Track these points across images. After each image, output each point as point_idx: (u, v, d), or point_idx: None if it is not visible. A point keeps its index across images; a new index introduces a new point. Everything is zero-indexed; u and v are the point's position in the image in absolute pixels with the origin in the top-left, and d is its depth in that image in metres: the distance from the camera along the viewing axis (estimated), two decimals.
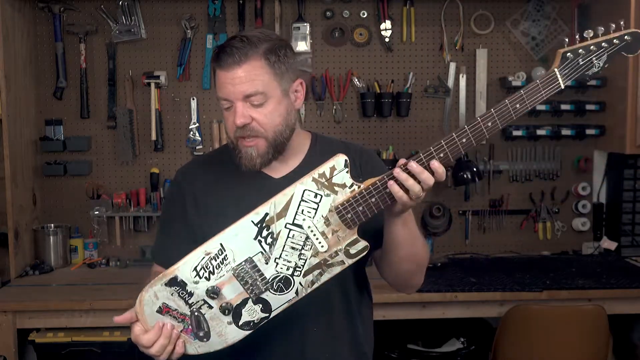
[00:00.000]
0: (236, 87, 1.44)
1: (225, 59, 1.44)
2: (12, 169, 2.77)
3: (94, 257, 3.08)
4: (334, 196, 1.29)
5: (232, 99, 1.45)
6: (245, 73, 1.43)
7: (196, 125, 3.12)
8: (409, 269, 1.48)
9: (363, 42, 3.15)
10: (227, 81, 1.44)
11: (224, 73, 1.44)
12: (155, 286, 1.34)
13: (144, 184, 3.13)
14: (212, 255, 1.31)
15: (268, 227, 1.30)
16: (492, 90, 3.20)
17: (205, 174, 1.58)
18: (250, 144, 1.47)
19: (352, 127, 3.18)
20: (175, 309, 1.34)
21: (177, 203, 1.57)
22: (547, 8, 3.18)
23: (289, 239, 1.30)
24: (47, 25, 3.06)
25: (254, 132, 1.46)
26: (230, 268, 1.31)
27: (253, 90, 1.44)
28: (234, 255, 1.31)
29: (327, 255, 1.31)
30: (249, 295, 1.33)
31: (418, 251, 1.46)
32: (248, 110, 1.45)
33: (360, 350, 1.59)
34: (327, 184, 1.29)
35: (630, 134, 2.90)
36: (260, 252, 1.31)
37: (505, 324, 2.56)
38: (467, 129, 1.29)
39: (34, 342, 2.59)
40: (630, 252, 3.16)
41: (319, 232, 1.29)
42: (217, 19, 3.09)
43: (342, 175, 1.29)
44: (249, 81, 1.43)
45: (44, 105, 3.10)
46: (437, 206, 3.12)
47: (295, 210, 1.29)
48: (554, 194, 3.26)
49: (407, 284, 1.56)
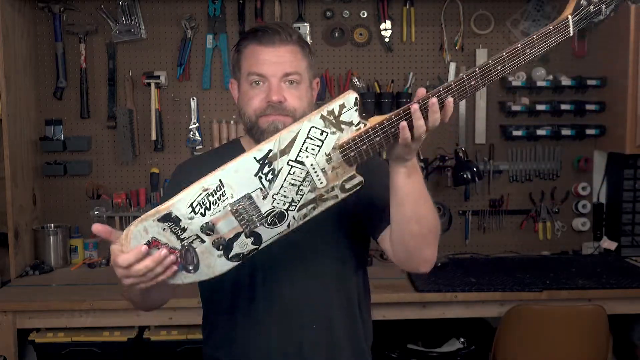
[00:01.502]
0: (278, 65, 1.46)
1: (269, 37, 1.47)
2: (12, 169, 2.76)
3: (94, 257, 3.08)
4: (340, 134, 1.26)
5: (269, 75, 1.46)
6: (290, 53, 1.48)
7: (196, 125, 3.12)
8: (418, 232, 1.38)
9: (363, 42, 3.15)
10: (268, 57, 1.47)
11: (266, 49, 1.47)
12: (147, 221, 1.27)
13: (144, 184, 3.13)
14: (209, 191, 1.27)
15: (270, 164, 1.26)
16: (492, 90, 3.20)
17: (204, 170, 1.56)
18: (278, 118, 1.47)
19: None
20: (165, 243, 1.28)
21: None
22: (547, 8, 3.18)
23: (289, 176, 1.27)
24: (47, 25, 3.06)
25: (284, 111, 1.47)
26: (227, 204, 1.27)
27: (294, 69, 1.48)
28: (232, 191, 1.27)
29: (323, 190, 1.29)
30: (243, 230, 1.30)
31: (426, 213, 1.38)
32: (282, 89, 1.47)
33: (359, 346, 1.59)
34: (334, 121, 1.25)
35: (630, 134, 2.90)
36: (260, 189, 1.27)
37: (505, 324, 2.56)
38: (477, 72, 1.26)
39: (34, 342, 2.59)
40: (630, 252, 3.16)
41: (319, 168, 1.27)
42: (217, 19, 3.09)
43: (351, 113, 1.25)
44: (291, 61, 1.48)
45: (44, 105, 3.10)
46: (437, 206, 3.12)
47: (300, 147, 1.26)
48: (554, 194, 3.26)
49: (419, 255, 1.43)
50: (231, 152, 1.58)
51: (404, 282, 2.66)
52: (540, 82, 3.13)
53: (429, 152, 3.17)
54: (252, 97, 1.49)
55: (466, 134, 3.21)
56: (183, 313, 2.50)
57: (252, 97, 1.49)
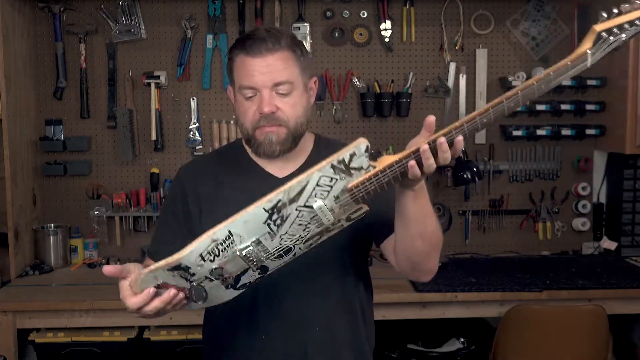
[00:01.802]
0: (267, 75, 1.44)
1: (256, 46, 1.44)
2: (12, 169, 2.77)
3: (94, 257, 3.08)
4: (349, 178, 1.26)
5: (259, 86, 1.44)
6: (277, 61, 1.44)
7: (196, 125, 3.12)
8: (422, 249, 1.42)
9: (363, 42, 3.15)
10: (256, 68, 1.44)
11: (253, 60, 1.44)
12: (157, 272, 1.30)
13: (144, 184, 3.13)
14: (219, 241, 1.29)
15: (279, 211, 1.28)
16: (492, 90, 3.20)
17: (208, 173, 1.58)
18: (272, 129, 1.47)
19: (352, 127, 3.18)
20: (174, 284, 1.32)
21: (178, 201, 1.57)
22: (547, 8, 3.18)
23: (297, 219, 1.28)
24: (47, 25, 3.06)
25: (277, 121, 1.46)
26: (236, 250, 1.29)
27: (284, 78, 1.45)
28: (241, 239, 1.29)
29: (330, 224, 1.30)
30: (250, 266, 1.32)
31: (431, 230, 1.41)
32: (274, 99, 1.45)
33: (361, 349, 1.59)
34: (344, 168, 1.25)
35: (630, 134, 2.90)
36: (268, 233, 1.29)
37: (505, 324, 2.56)
38: (491, 111, 1.26)
39: (34, 342, 2.59)
40: (630, 252, 3.16)
41: (327, 209, 1.28)
42: (217, 19, 3.09)
43: (361, 159, 1.25)
44: (280, 69, 1.44)
45: (44, 105, 3.10)
46: (437, 206, 3.12)
47: (309, 194, 1.27)
48: (554, 194, 3.26)
49: (422, 268, 1.49)
50: (233, 154, 1.60)
51: (404, 282, 2.65)
52: None
53: None
54: (246, 110, 1.48)
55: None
56: (183, 313, 2.46)
57: (246, 110, 1.48)
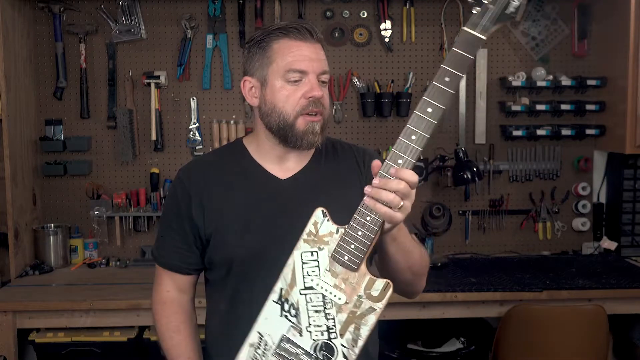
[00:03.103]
0: (316, 62, 1.46)
1: (305, 33, 1.46)
2: (12, 169, 2.76)
3: (94, 257, 3.08)
4: (327, 247, 1.29)
5: (310, 70, 1.45)
6: (321, 50, 1.49)
7: (196, 125, 3.12)
8: (404, 279, 1.45)
9: (363, 42, 3.15)
10: (307, 53, 1.45)
11: (304, 44, 1.46)
12: None
13: (144, 184, 3.13)
14: (255, 345, 1.32)
15: (287, 300, 1.31)
16: (492, 90, 3.20)
17: (210, 175, 1.57)
18: (317, 119, 1.47)
19: (352, 127, 3.18)
20: None
21: (182, 204, 1.55)
22: (547, 8, 3.18)
23: (308, 304, 1.30)
24: (47, 25, 3.06)
25: (321, 107, 1.47)
26: (272, 352, 1.32)
27: (327, 68, 1.49)
28: (271, 338, 1.32)
29: (350, 306, 1.30)
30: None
31: (413, 263, 1.43)
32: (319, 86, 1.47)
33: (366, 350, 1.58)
34: (316, 239, 1.30)
35: (630, 134, 2.90)
36: (291, 326, 1.31)
37: (505, 324, 2.56)
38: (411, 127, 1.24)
39: (34, 342, 2.59)
40: (630, 252, 3.16)
41: (330, 286, 1.29)
42: (217, 19, 3.09)
43: (326, 225, 1.29)
44: (324, 59, 1.49)
45: (44, 105, 3.10)
46: (437, 206, 3.12)
47: (302, 275, 1.30)
48: (554, 194, 3.26)
49: (406, 291, 1.52)
50: (234, 155, 1.58)
51: None
52: (540, 82, 3.13)
53: (429, 152, 3.17)
54: (290, 95, 1.46)
55: (466, 134, 3.21)
56: None
57: (290, 95, 1.46)
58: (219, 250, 1.52)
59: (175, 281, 1.59)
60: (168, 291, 1.59)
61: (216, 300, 1.58)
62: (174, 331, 1.58)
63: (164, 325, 1.59)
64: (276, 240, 1.47)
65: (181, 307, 1.60)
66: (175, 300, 1.60)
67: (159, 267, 1.61)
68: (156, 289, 1.61)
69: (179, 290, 1.60)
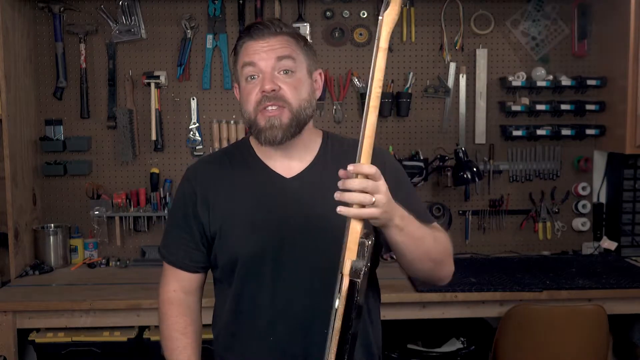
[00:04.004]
0: (268, 53, 1.45)
1: (260, 30, 1.47)
2: (12, 169, 2.77)
3: (94, 257, 3.08)
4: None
5: (262, 65, 1.45)
6: (280, 41, 1.47)
7: (196, 125, 3.12)
8: (424, 267, 1.45)
9: (363, 42, 3.15)
10: (258, 48, 1.46)
11: (256, 42, 1.47)
12: None
13: (144, 184, 3.13)
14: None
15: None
16: (492, 90, 3.20)
17: (216, 174, 1.57)
18: (274, 113, 1.45)
19: (352, 127, 3.18)
20: None
21: (189, 202, 1.56)
22: (547, 8, 3.18)
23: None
24: (47, 25, 3.06)
25: (279, 100, 1.45)
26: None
27: (286, 53, 1.46)
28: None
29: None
30: None
31: (427, 249, 1.42)
32: (277, 80, 1.45)
33: (369, 351, 1.59)
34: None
35: (630, 134, 2.90)
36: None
37: (505, 324, 2.56)
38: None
39: (34, 342, 2.59)
40: (630, 252, 3.16)
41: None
42: (217, 19, 3.09)
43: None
44: (282, 47, 1.47)
45: (44, 105, 3.10)
46: (437, 206, 3.12)
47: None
48: (554, 194, 3.26)
49: (433, 278, 1.53)
50: (241, 153, 1.58)
51: (404, 282, 2.65)
52: (540, 82, 3.12)
53: (429, 152, 3.17)
54: (248, 92, 1.48)
55: (466, 134, 3.21)
56: None
57: (248, 92, 1.48)
58: (224, 249, 1.52)
59: (182, 280, 1.59)
60: (175, 290, 1.59)
61: (223, 298, 1.58)
62: (181, 332, 1.56)
63: (171, 326, 1.57)
64: (282, 238, 1.48)
65: (189, 309, 1.59)
66: (182, 301, 1.59)
67: (166, 265, 1.61)
68: (163, 287, 1.61)
69: (186, 290, 1.59)
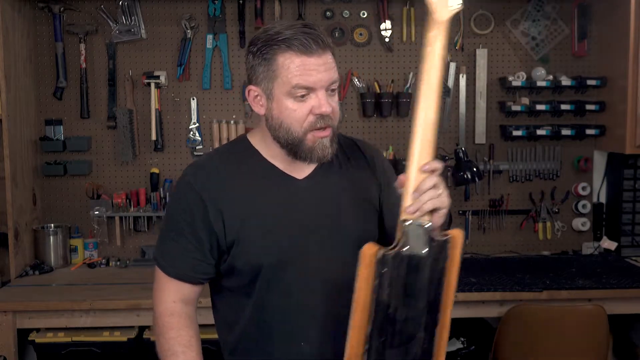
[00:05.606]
0: (324, 74, 1.38)
1: (310, 45, 1.36)
2: (12, 169, 2.77)
3: (94, 257, 3.08)
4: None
5: (318, 86, 1.38)
6: (330, 60, 1.40)
7: (196, 125, 3.12)
8: None
9: (363, 42, 3.15)
10: (312, 67, 1.37)
11: (309, 59, 1.37)
12: None
13: (144, 184, 3.13)
14: None
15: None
16: (492, 90, 3.20)
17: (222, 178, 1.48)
18: (325, 134, 1.42)
19: (352, 127, 3.18)
20: None
21: (196, 211, 1.45)
22: (547, 8, 3.18)
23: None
24: (47, 25, 3.06)
25: (329, 122, 1.42)
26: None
27: (336, 77, 1.42)
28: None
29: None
30: None
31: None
32: (328, 99, 1.41)
33: None
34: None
35: (630, 134, 2.90)
36: None
37: (505, 324, 2.56)
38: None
39: (34, 342, 2.59)
40: (630, 252, 3.16)
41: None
42: (217, 19, 3.09)
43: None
44: (332, 68, 1.41)
45: (44, 105, 3.10)
46: None
47: None
48: (554, 194, 3.26)
49: None
50: (245, 155, 1.51)
51: None
52: (540, 82, 3.12)
53: None
54: (296, 111, 1.40)
55: (466, 134, 3.21)
56: None
57: (296, 111, 1.40)
58: (244, 257, 1.45)
59: (182, 291, 1.49)
60: (174, 302, 1.49)
61: (238, 306, 1.51)
62: (186, 346, 1.45)
63: (173, 339, 1.46)
64: (302, 242, 1.45)
65: (190, 320, 1.50)
66: (183, 313, 1.49)
67: (163, 276, 1.49)
68: (160, 298, 1.50)
69: (186, 301, 1.50)
